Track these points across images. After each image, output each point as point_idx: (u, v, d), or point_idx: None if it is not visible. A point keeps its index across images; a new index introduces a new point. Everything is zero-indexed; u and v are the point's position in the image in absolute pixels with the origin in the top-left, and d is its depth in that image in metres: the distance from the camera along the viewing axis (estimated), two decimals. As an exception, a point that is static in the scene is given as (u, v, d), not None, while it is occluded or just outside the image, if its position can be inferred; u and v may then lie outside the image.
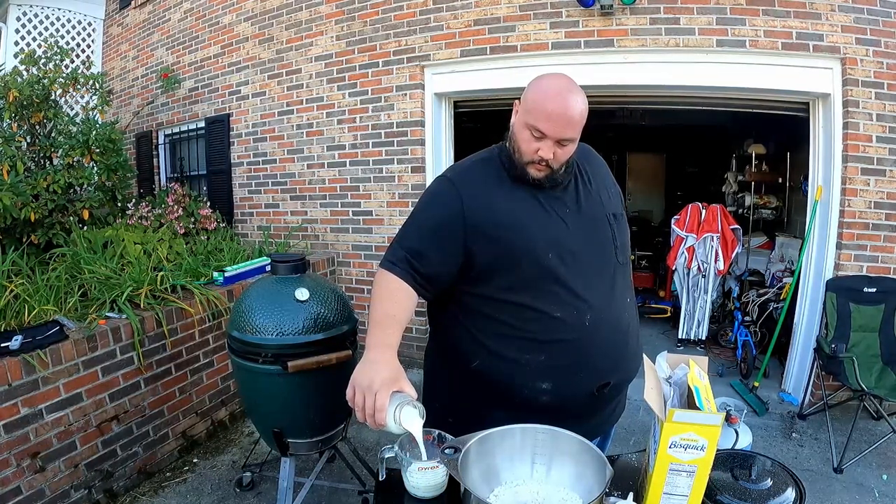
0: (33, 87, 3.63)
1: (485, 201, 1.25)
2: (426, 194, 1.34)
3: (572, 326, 1.23)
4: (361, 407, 1.04)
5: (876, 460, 2.75)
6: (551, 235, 1.24)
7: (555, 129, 1.18)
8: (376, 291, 1.24)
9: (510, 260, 1.23)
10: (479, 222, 1.23)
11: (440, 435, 1.06)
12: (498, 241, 1.23)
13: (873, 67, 3.06)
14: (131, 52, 5.49)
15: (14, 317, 2.36)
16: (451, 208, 1.24)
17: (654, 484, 0.90)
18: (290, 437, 2.03)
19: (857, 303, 3.12)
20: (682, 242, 4.31)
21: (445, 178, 1.32)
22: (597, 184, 1.38)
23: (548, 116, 1.17)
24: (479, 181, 1.28)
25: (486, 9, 3.59)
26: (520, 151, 1.24)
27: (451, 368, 1.35)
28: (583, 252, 1.26)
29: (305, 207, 4.37)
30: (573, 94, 1.19)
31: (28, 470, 2.10)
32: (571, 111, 1.18)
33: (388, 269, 1.24)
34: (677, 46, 3.25)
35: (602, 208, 1.35)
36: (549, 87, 1.20)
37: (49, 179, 3.43)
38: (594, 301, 1.25)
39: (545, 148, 1.20)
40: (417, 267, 1.23)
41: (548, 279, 1.22)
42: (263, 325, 1.93)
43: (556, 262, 1.23)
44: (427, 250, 1.24)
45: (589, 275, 1.26)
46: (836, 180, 3.19)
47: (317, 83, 4.20)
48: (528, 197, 1.27)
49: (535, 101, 1.20)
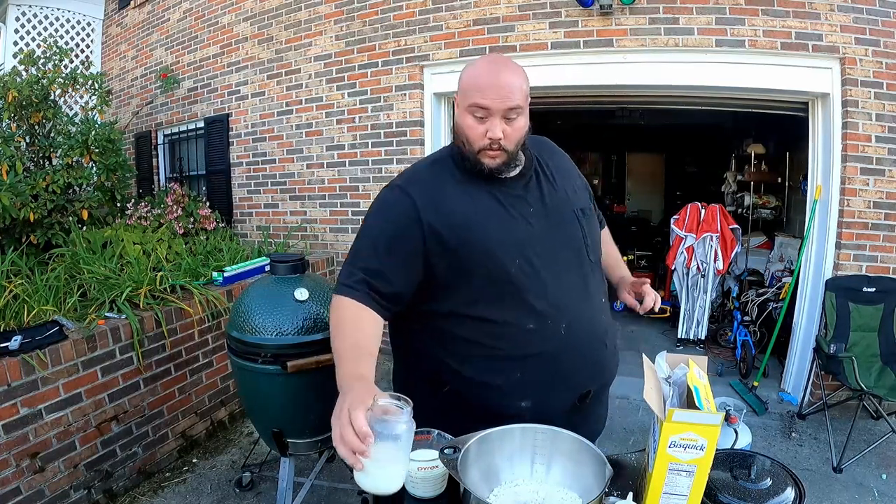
0: (32, 87, 3.62)
1: (439, 204, 1.14)
2: (375, 205, 1.21)
3: (548, 337, 1.14)
4: (345, 443, 0.82)
5: (875, 460, 2.75)
6: (515, 238, 1.14)
7: (495, 100, 1.09)
8: (336, 322, 1.10)
9: (472, 267, 1.13)
10: (437, 226, 1.12)
11: (439, 435, 1.06)
12: (456, 248, 1.12)
13: (872, 67, 3.06)
14: (130, 52, 5.49)
15: (13, 317, 2.36)
16: (405, 215, 1.13)
17: (654, 483, 0.90)
18: (289, 437, 2.03)
19: (857, 302, 3.12)
20: (681, 242, 4.31)
21: (394, 186, 1.20)
22: (561, 178, 1.28)
23: (483, 88, 1.09)
24: (431, 183, 1.18)
25: (486, 9, 3.59)
26: (468, 140, 1.14)
27: (423, 392, 1.14)
28: (551, 254, 1.17)
29: (305, 207, 4.37)
30: (505, 64, 1.13)
31: (27, 470, 2.09)
32: (507, 78, 1.10)
33: (345, 295, 1.11)
34: (676, 46, 3.25)
35: (569, 203, 1.25)
36: (479, 64, 1.15)
37: (48, 179, 3.43)
38: (569, 306, 1.16)
39: (493, 126, 1.11)
40: (377, 287, 1.11)
41: (515, 288, 1.13)
42: (263, 325, 1.93)
43: (524, 268, 1.13)
44: (385, 267, 1.12)
45: (561, 278, 1.17)
46: (836, 180, 3.19)
47: (316, 83, 4.20)
48: (487, 197, 1.17)
49: (468, 80, 1.13)
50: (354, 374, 0.98)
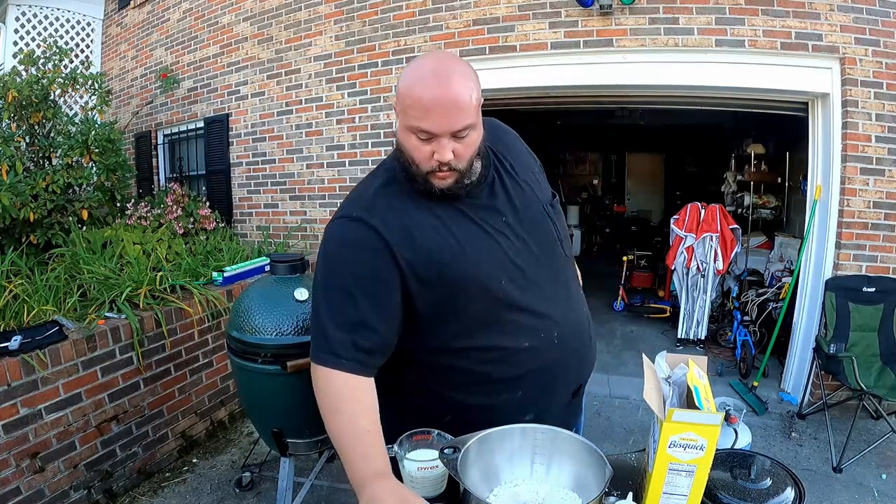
0: (32, 87, 3.62)
1: (410, 235, 1.01)
2: (333, 245, 1.04)
3: (543, 350, 1.10)
4: None
5: (875, 460, 2.75)
6: (496, 257, 1.05)
7: (442, 123, 0.93)
8: (329, 402, 0.97)
9: (456, 300, 1.03)
10: (413, 261, 1.01)
11: (439, 435, 1.06)
12: (437, 284, 1.02)
13: (872, 67, 3.06)
14: (130, 52, 5.49)
15: (13, 317, 2.36)
16: (374, 252, 1.00)
17: (654, 483, 0.90)
18: (289, 437, 2.02)
19: (857, 302, 3.12)
20: (681, 242, 4.31)
21: (351, 219, 1.03)
22: (522, 170, 1.15)
23: (426, 109, 0.92)
24: (393, 210, 1.03)
25: (485, 9, 3.59)
26: (413, 162, 0.99)
27: (420, 424, 1.06)
28: (532, 263, 1.08)
29: (304, 207, 4.37)
30: (450, 74, 0.93)
31: (27, 470, 2.09)
32: (454, 93, 0.92)
33: (332, 367, 0.98)
34: (676, 46, 3.25)
35: (536, 201, 1.13)
36: (420, 71, 0.94)
37: (48, 179, 3.43)
38: (557, 313, 1.11)
39: (440, 149, 0.95)
40: (363, 345, 0.99)
41: (506, 309, 1.05)
42: (263, 325, 1.93)
43: (510, 286, 1.04)
44: (366, 315, 0.99)
45: (546, 286, 1.10)
46: (836, 180, 3.20)
47: (316, 83, 4.20)
48: (457, 215, 1.04)
49: (407, 94, 0.94)
50: (374, 471, 0.89)
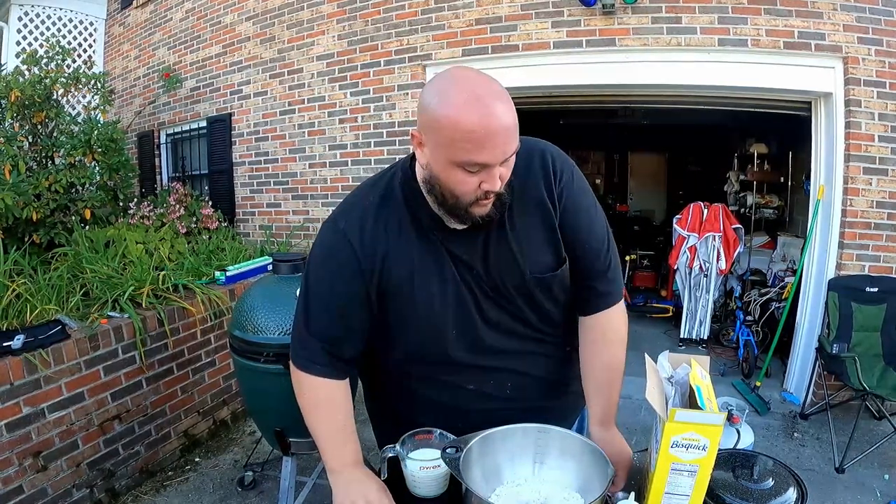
0: (35, 86, 3.63)
1: (384, 262, 1.01)
2: (319, 251, 1.07)
3: (492, 396, 1.11)
4: None
5: (878, 460, 2.74)
6: (460, 315, 1.04)
7: (496, 154, 0.86)
8: (307, 403, 1.07)
9: (408, 323, 1.05)
10: (378, 284, 1.03)
11: (441, 434, 1.06)
12: (389, 309, 1.05)
13: (875, 66, 3.05)
14: (133, 52, 5.50)
15: (16, 316, 2.36)
16: (351, 272, 1.01)
17: (656, 483, 0.89)
18: (291, 437, 2.03)
19: (859, 302, 3.11)
20: (683, 242, 4.31)
21: (336, 230, 1.04)
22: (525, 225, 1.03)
23: (480, 141, 0.83)
24: (377, 238, 1.01)
25: (488, 8, 3.59)
26: (455, 196, 0.92)
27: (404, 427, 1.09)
28: (493, 328, 1.06)
29: (307, 207, 4.37)
30: (493, 101, 0.84)
31: (30, 469, 2.10)
32: (506, 119, 0.84)
33: (308, 372, 1.05)
34: (679, 45, 3.25)
35: (517, 271, 1.03)
36: (458, 100, 0.83)
37: (51, 179, 3.44)
38: (513, 366, 1.10)
39: (490, 178, 0.88)
40: (338, 353, 1.05)
41: (453, 364, 1.08)
42: (265, 325, 1.93)
43: (463, 352, 1.06)
44: (342, 331, 1.05)
45: (503, 345, 1.08)
46: (838, 179, 3.19)
47: (318, 82, 4.20)
48: (436, 253, 1.02)
49: (452, 127, 0.84)
50: (348, 460, 1.04)
